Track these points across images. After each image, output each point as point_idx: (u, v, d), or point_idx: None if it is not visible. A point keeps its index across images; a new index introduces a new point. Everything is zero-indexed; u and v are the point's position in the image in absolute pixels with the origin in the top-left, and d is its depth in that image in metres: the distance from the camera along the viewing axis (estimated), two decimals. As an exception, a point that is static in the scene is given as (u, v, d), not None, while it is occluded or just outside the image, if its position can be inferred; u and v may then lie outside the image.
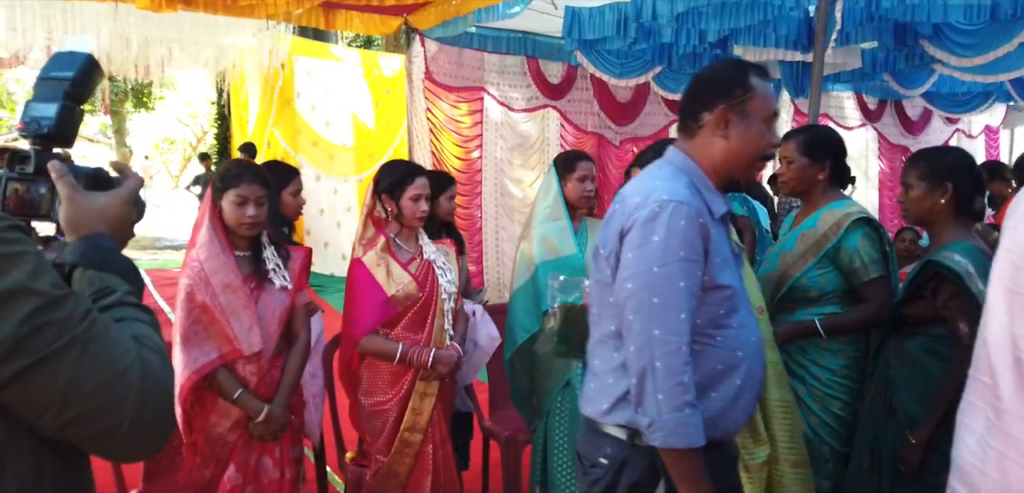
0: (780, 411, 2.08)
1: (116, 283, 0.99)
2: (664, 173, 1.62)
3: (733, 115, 1.58)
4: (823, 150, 2.37)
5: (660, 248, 1.49)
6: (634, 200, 1.57)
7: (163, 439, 0.93)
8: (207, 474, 2.27)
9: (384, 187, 2.46)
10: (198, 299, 2.15)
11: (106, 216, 1.03)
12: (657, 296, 1.48)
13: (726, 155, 1.60)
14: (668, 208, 1.50)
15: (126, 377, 0.86)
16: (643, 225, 1.52)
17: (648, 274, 1.50)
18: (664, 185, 1.55)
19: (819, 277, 2.31)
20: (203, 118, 21.35)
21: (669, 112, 9.48)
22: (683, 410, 1.45)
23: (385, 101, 8.43)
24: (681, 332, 1.47)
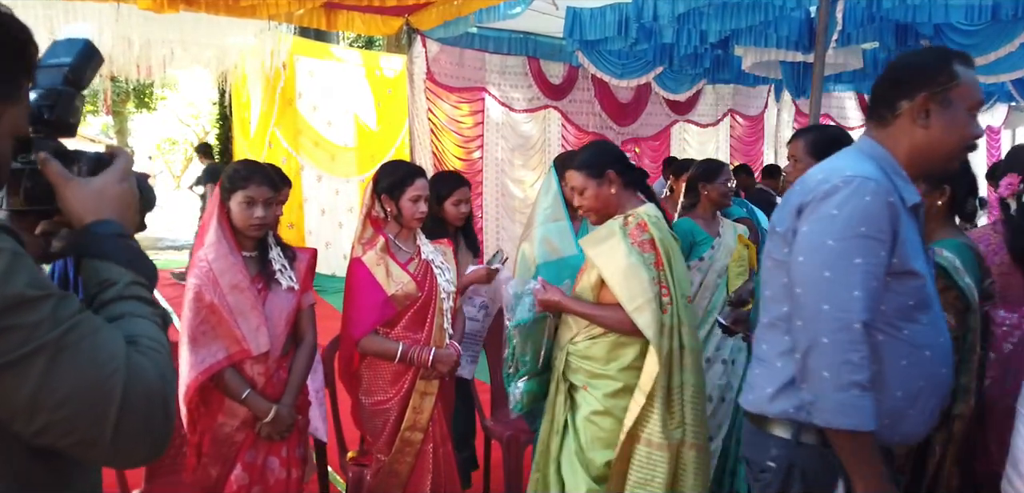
0: (693, 396, 2.14)
1: (118, 273, 0.94)
2: (850, 154, 1.58)
3: (935, 104, 1.49)
4: (830, 151, 2.33)
5: (838, 222, 1.43)
6: (816, 177, 1.52)
7: (156, 448, 0.87)
8: (214, 474, 2.27)
9: (383, 187, 2.47)
10: (206, 299, 2.15)
11: (105, 198, 0.98)
12: (829, 270, 1.42)
13: (926, 145, 1.52)
14: (852, 183, 1.44)
15: (106, 386, 0.81)
16: (822, 199, 1.46)
17: (822, 248, 1.43)
18: (849, 164, 1.51)
19: None
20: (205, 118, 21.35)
21: (670, 112, 9.49)
22: (849, 390, 1.37)
23: (387, 101, 8.44)
24: (853, 310, 1.39)
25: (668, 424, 2.09)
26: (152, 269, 1.00)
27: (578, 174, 2.27)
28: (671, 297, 2.10)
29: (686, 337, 2.13)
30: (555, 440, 2.26)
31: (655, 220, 2.17)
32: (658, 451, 2.07)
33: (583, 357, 2.22)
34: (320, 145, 8.63)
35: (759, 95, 10.33)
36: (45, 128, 0.98)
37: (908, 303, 1.47)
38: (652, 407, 2.09)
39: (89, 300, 0.94)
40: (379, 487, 2.50)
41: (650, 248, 2.12)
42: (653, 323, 2.04)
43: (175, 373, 0.95)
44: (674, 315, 2.10)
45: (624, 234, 2.15)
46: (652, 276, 2.09)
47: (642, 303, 2.05)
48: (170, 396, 0.89)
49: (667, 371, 2.10)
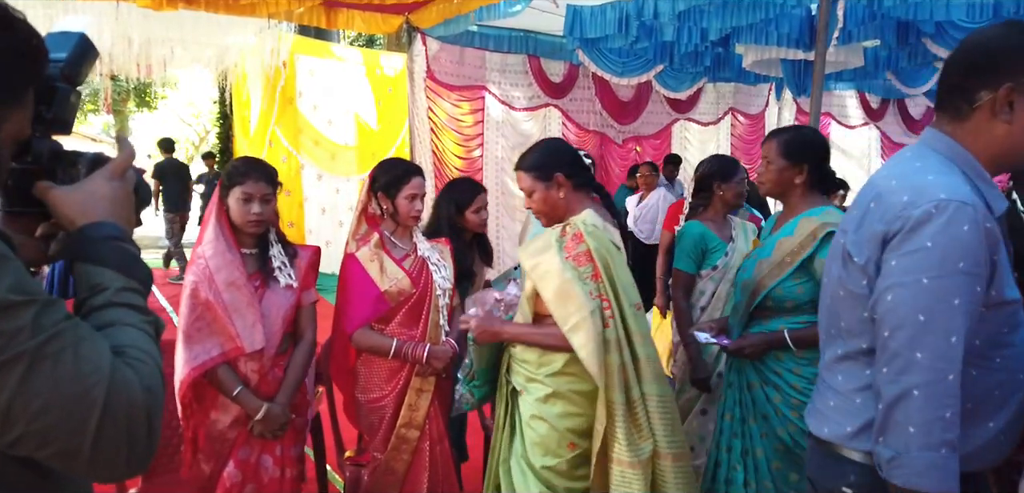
0: (659, 406, 2.05)
1: (109, 278, 0.91)
2: (933, 165, 1.34)
3: (1020, 95, 1.28)
4: (802, 152, 2.28)
5: (934, 257, 1.25)
6: (900, 198, 1.31)
7: (138, 462, 0.84)
8: (207, 470, 2.28)
9: (380, 185, 2.47)
10: (202, 296, 2.16)
11: (96, 199, 0.95)
12: (924, 313, 1.25)
13: (1009, 144, 1.31)
14: (947, 209, 1.25)
15: (86, 399, 0.78)
16: (913, 230, 1.27)
17: (916, 286, 1.26)
18: (939, 180, 1.29)
19: (795, 287, 2.24)
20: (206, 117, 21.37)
21: (671, 110, 9.48)
22: (939, 450, 1.23)
23: (387, 100, 8.44)
24: (950, 359, 1.23)
25: (635, 440, 2.01)
26: (146, 273, 0.98)
27: (526, 175, 2.17)
28: (613, 309, 2.00)
29: (640, 348, 2.04)
30: (503, 441, 2.21)
31: (591, 229, 2.04)
32: (630, 470, 1.99)
33: (520, 360, 2.17)
34: (320, 144, 8.63)
35: (760, 93, 10.32)
36: (42, 127, 0.95)
37: (1003, 330, 1.34)
38: (614, 427, 2.00)
39: (79, 305, 0.92)
40: (376, 485, 2.50)
41: (586, 260, 2.00)
42: (589, 342, 1.93)
43: (164, 384, 0.91)
44: (619, 327, 2.00)
45: (560, 247, 2.04)
46: (588, 290, 1.98)
47: (577, 322, 1.95)
48: (155, 410, 0.86)
49: (623, 386, 2.00)
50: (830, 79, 8.66)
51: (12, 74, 0.85)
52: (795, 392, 2.23)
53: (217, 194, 2.29)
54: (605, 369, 1.97)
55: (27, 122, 0.90)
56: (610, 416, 2.00)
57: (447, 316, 2.55)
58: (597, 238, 2.03)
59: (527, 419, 2.13)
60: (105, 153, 1.05)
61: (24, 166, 0.94)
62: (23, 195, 0.95)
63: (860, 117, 10.94)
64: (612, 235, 2.10)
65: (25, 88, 0.87)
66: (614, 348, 1.98)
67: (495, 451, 2.25)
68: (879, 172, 1.49)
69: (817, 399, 1.58)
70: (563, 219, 2.13)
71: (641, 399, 2.04)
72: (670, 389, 2.13)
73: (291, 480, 2.36)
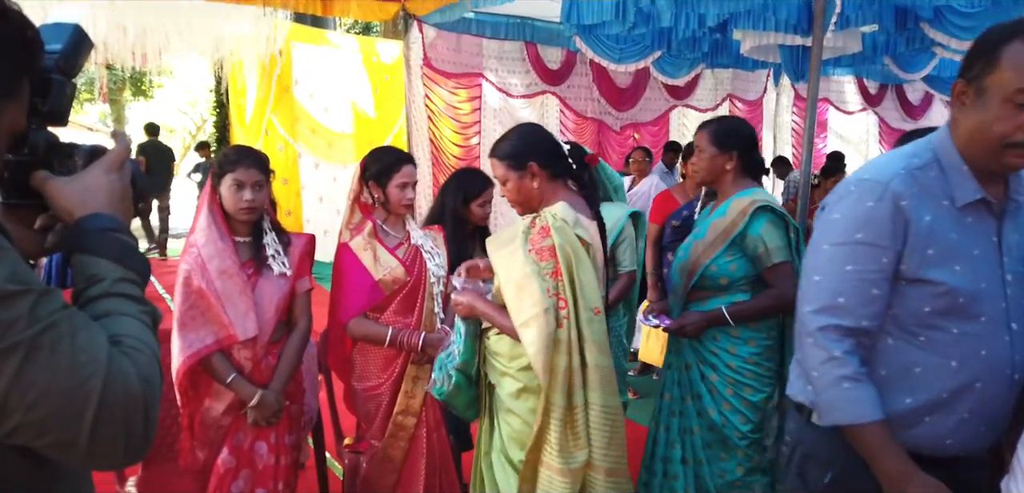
0: (601, 416, 1.95)
1: (106, 269, 0.92)
2: (895, 152, 1.53)
3: (971, 91, 1.38)
4: (731, 140, 2.38)
5: (837, 227, 1.44)
6: (845, 180, 1.52)
7: (135, 452, 0.85)
8: (201, 457, 2.29)
9: (371, 174, 2.46)
10: (194, 284, 2.16)
11: (93, 190, 0.95)
12: (819, 273, 1.45)
13: (967, 137, 1.40)
14: (861, 187, 1.43)
15: (83, 389, 0.79)
16: (833, 203, 1.48)
17: (817, 251, 1.47)
18: (875, 163, 1.49)
19: (728, 264, 2.32)
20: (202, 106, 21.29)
21: (669, 97, 9.46)
22: (839, 385, 1.40)
23: (384, 88, 8.42)
24: (835, 312, 1.41)
25: (568, 447, 1.94)
26: (144, 264, 0.98)
27: (500, 164, 2.10)
28: (569, 310, 1.91)
29: (591, 354, 1.93)
30: (484, 434, 2.18)
31: (560, 224, 1.96)
32: (558, 476, 1.93)
33: (493, 353, 2.12)
34: (317, 132, 8.61)
35: (758, 79, 10.28)
36: (37, 119, 0.95)
37: (924, 309, 1.41)
38: (548, 430, 1.94)
39: (76, 296, 0.92)
40: (374, 473, 2.50)
41: (549, 256, 1.93)
42: (538, 340, 1.86)
43: (161, 374, 0.91)
44: (572, 329, 1.91)
45: (525, 239, 1.98)
46: (546, 287, 1.90)
47: (529, 318, 1.88)
48: (152, 400, 0.86)
49: (566, 390, 1.92)
50: (828, 65, 8.63)
51: (7, 66, 0.84)
52: (730, 371, 2.30)
53: (209, 182, 2.29)
54: (551, 370, 1.91)
55: (23, 114, 0.90)
56: (545, 417, 1.93)
57: (442, 303, 2.55)
58: (564, 234, 1.95)
59: (502, 413, 2.09)
60: (102, 145, 1.05)
61: (20, 158, 0.94)
62: (20, 187, 0.95)
63: (858, 103, 10.91)
64: (585, 230, 2.01)
65: (20, 80, 0.87)
66: (564, 350, 1.91)
67: (479, 444, 2.21)
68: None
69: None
70: (537, 210, 2.06)
71: (584, 406, 1.95)
72: (619, 402, 2.00)
73: (285, 467, 2.37)
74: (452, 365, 2.13)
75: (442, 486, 2.56)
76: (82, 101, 20.96)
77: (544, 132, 2.20)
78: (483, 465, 2.16)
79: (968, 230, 1.40)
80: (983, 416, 1.43)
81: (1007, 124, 1.32)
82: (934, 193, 1.41)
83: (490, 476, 2.12)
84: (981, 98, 1.35)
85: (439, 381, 2.15)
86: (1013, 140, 1.32)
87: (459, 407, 2.19)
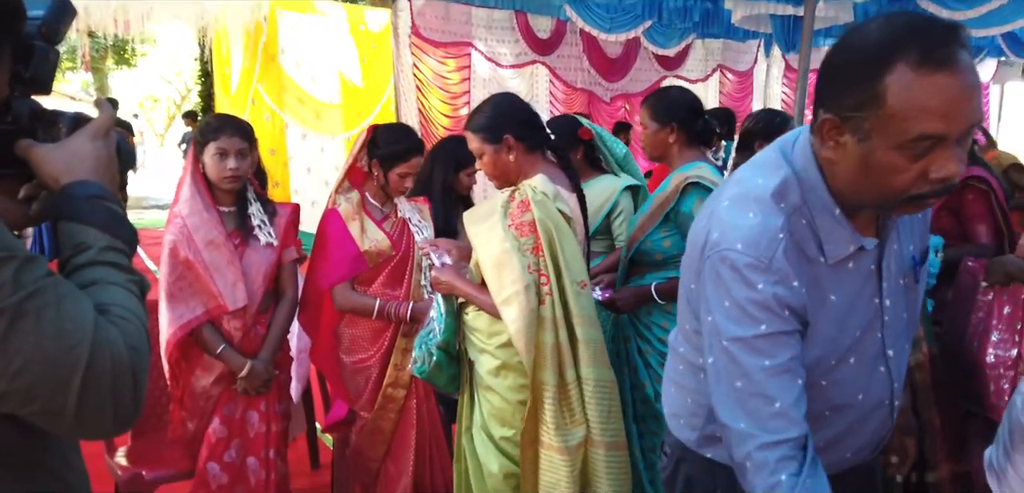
0: (596, 391, 1.93)
1: (93, 237, 0.90)
2: (749, 183, 1.20)
3: (846, 130, 1.06)
4: (669, 113, 2.32)
5: (731, 317, 1.13)
6: (709, 228, 1.20)
7: (124, 420, 0.84)
8: (191, 428, 2.29)
9: (379, 154, 2.41)
10: (181, 255, 2.14)
11: (79, 157, 0.94)
12: (741, 379, 1.13)
13: (849, 182, 1.10)
14: (739, 266, 1.12)
15: (70, 356, 0.78)
16: (706, 283, 1.18)
17: (722, 351, 1.17)
18: (741, 222, 1.14)
19: (662, 240, 2.27)
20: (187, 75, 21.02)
21: (660, 67, 9.42)
22: None
23: (371, 57, 8.30)
24: (778, 425, 1.09)
25: (564, 425, 1.91)
26: (131, 233, 0.97)
27: (475, 137, 2.03)
28: (551, 285, 1.87)
29: (580, 328, 1.89)
30: (465, 408, 2.17)
31: (540, 198, 1.90)
32: (558, 455, 1.91)
33: (471, 328, 2.09)
34: (305, 102, 8.51)
35: (748, 50, 10.25)
36: (20, 87, 0.94)
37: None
38: (542, 410, 1.91)
39: (63, 264, 0.91)
40: (364, 443, 2.51)
41: (529, 231, 1.88)
42: (520, 318, 1.82)
43: (149, 343, 0.91)
44: (556, 305, 1.87)
45: (504, 213, 1.92)
46: (527, 263, 1.86)
47: (510, 295, 1.84)
48: (140, 368, 0.85)
49: (556, 368, 1.89)
50: (819, 35, 8.60)
51: None
52: (661, 345, 2.28)
53: (192, 152, 2.26)
54: (537, 348, 1.87)
55: (5, 82, 0.88)
56: (537, 397, 1.91)
57: (430, 276, 2.54)
58: (544, 208, 1.89)
59: (482, 390, 2.07)
60: (86, 112, 1.04)
61: (4, 127, 0.93)
62: (3, 156, 0.93)
63: (848, 74, 10.91)
64: (565, 203, 1.96)
65: (2, 47, 0.85)
66: (548, 326, 1.87)
67: (460, 418, 2.19)
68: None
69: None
70: (514, 183, 2.00)
71: (576, 382, 1.92)
72: (611, 375, 1.99)
73: (276, 435, 2.37)
74: (433, 343, 2.10)
75: (433, 456, 2.57)
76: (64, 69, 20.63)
77: (519, 102, 2.13)
78: (465, 440, 2.14)
79: (846, 282, 1.17)
80: (866, 447, 1.30)
81: (907, 176, 1.02)
82: (806, 250, 1.14)
83: (471, 450, 2.11)
84: (864, 142, 1.03)
85: (420, 360, 2.11)
86: (916, 192, 1.03)
87: (441, 383, 2.16)
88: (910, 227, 1.28)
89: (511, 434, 2.01)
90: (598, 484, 1.96)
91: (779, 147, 1.21)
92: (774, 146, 1.22)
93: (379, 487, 2.54)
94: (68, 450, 0.96)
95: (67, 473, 0.94)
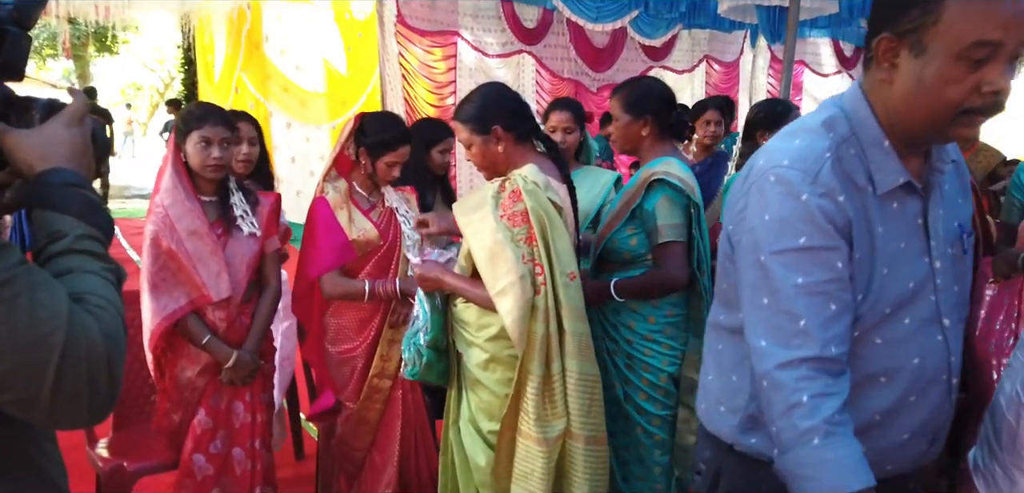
0: (578, 384, 1.91)
1: (69, 225, 0.89)
2: (801, 124, 1.22)
3: (904, 48, 1.09)
4: (643, 105, 2.25)
5: (768, 231, 1.13)
6: (756, 162, 1.21)
7: (100, 410, 0.84)
8: (176, 419, 2.28)
9: (366, 142, 2.39)
10: (164, 245, 2.12)
11: (54, 144, 0.93)
12: (766, 294, 1.13)
13: (893, 104, 1.13)
14: (786, 178, 1.13)
15: (44, 345, 0.78)
16: (751, 203, 1.18)
17: (753, 266, 1.18)
18: (790, 145, 1.17)
19: (628, 238, 2.21)
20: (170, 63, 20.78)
21: (647, 58, 9.42)
22: (808, 442, 1.04)
23: (357, 45, 8.24)
24: (796, 342, 1.09)
25: (545, 415, 1.91)
26: (107, 221, 0.96)
27: (463, 127, 2.01)
28: (545, 275, 1.87)
29: (568, 320, 1.89)
30: (452, 402, 2.15)
31: (531, 187, 1.89)
32: (535, 446, 1.90)
33: (460, 321, 2.07)
34: (289, 90, 8.43)
35: (735, 41, 10.27)
36: None
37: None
38: (524, 399, 1.90)
39: (37, 253, 0.90)
40: (349, 433, 2.50)
41: (522, 221, 1.87)
42: (516, 309, 1.82)
43: (126, 332, 0.90)
44: (549, 296, 1.87)
45: (495, 204, 1.90)
46: (520, 253, 1.85)
47: (506, 286, 1.83)
48: (116, 356, 0.85)
49: (543, 358, 1.88)
50: (805, 26, 8.64)
51: None
52: (628, 345, 2.23)
53: (173, 140, 2.22)
54: (528, 337, 1.87)
55: None
56: (521, 386, 1.90)
57: (415, 275, 2.53)
58: (536, 198, 1.88)
59: (470, 383, 2.06)
60: (60, 99, 1.01)
61: None
62: None
63: (834, 65, 10.97)
64: (555, 193, 1.96)
65: None
66: (541, 317, 1.87)
67: (447, 412, 2.18)
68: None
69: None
70: (504, 174, 1.98)
71: (561, 374, 1.91)
72: (596, 370, 1.97)
73: (262, 425, 2.37)
74: (421, 343, 2.07)
75: (418, 447, 2.57)
76: (44, 56, 20.33)
77: (508, 91, 2.11)
78: (452, 433, 2.13)
79: (892, 219, 1.16)
80: (924, 432, 1.23)
81: (961, 87, 1.04)
82: (854, 178, 1.15)
83: (458, 443, 2.10)
84: (920, 57, 1.06)
85: (411, 362, 2.09)
86: (969, 105, 1.05)
87: (433, 379, 2.15)
88: (954, 201, 1.27)
89: (499, 428, 2.00)
90: (574, 477, 1.95)
91: (825, 101, 1.26)
92: (822, 105, 1.26)
93: (364, 477, 2.54)
94: (44, 440, 0.95)
95: (43, 462, 0.94)
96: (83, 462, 2.49)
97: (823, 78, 11.04)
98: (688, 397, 2.18)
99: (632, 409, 2.24)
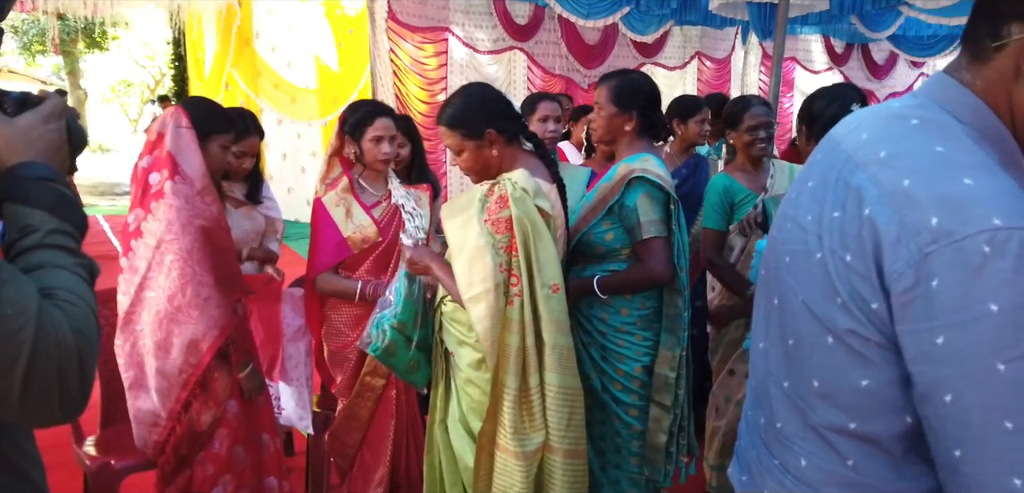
0: (558, 397, 1.87)
1: (40, 219, 0.88)
2: (962, 150, 0.87)
3: None
4: (632, 99, 2.20)
5: (997, 327, 0.77)
6: (925, 219, 0.81)
7: (72, 407, 0.83)
8: (207, 419, 2.17)
9: (347, 127, 2.40)
10: (219, 244, 2.05)
11: (29, 139, 0.91)
12: (1011, 417, 0.77)
13: None
14: (1010, 244, 0.76)
15: (14, 341, 0.77)
16: (964, 281, 0.78)
17: (987, 377, 0.78)
18: (982, 187, 0.81)
19: (604, 233, 2.18)
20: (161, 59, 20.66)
21: (638, 54, 9.43)
22: None
23: (348, 42, 8.22)
24: None
25: (522, 429, 1.86)
26: (81, 216, 0.95)
27: (453, 133, 1.94)
28: (521, 287, 1.81)
29: (548, 333, 1.83)
30: (440, 400, 2.11)
31: (520, 195, 1.83)
32: (513, 460, 1.86)
33: (450, 320, 2.02)
34: (280, 87, 8.41)
35: (726, 38, 10.30)
36: None
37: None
38: (501, 412, 1.87)
39: (8, 247, 0.89)
40: (340, 429, 2.50)
41: (505, 228, 1.81)
42: (487, 318, 1.78)
43: (98, 328, 0.89)
44: (525, 308, 1.81)
45: (481, 208, 1.85)
46: (499, 261, 1.80)
47: (479, 293, 1.79)
48: (87, 352, 0.84)
49: (519, 371, 1.84)
50: (796, 22, 8.67)
51: None
52: (601, 338, 2.22)
53: (195, 139, 2.10)
54: (500, 349, 1.82)
55: None
56: (497, 399, 1.87)
57: (407, 256, 2.53)
58: (523, 206, 1.82)
59: (461, 383, 2.02)
60: (32, 93, 1.01)
61: None
62: None
63: (824, 62, 11.01)
64: (545, 198, 1.90)
65: None
66: (514, 329, 1.81)
67: (433, 410, 2.13)
68: (858, 138, 0.97)
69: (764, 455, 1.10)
70: (495, 176, 1.92)
71: (539, 388, 1.87)
72: (577, 383, 1.92)
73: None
74: (388, 321, 2.03)
75: (409, 446, 2.56)
76: (34, 52, 20.18)
77: (493, 92, 2.05)
78: (438, 431, 2.09)
79: None
80: None
81: None
82: None
83: (445, 442, 2.06)
84: None
85: (373, 337, 2.05)
86: None
87: (398, 368, 2.11)
88: None
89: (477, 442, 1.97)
90: (553, 490, 1.93)
91: (917, 109, 0.94)
92: (906, 109, 0.96)
93: (355, 474, 2.54)
94: (21, 436, 0.95)
95: (18, 458, 0.93)
96: (70, 459, 2.48)
97: (814, 75, 11.09)
98: (660, 395, 2.19)
99: (609, 399, 2.24)
